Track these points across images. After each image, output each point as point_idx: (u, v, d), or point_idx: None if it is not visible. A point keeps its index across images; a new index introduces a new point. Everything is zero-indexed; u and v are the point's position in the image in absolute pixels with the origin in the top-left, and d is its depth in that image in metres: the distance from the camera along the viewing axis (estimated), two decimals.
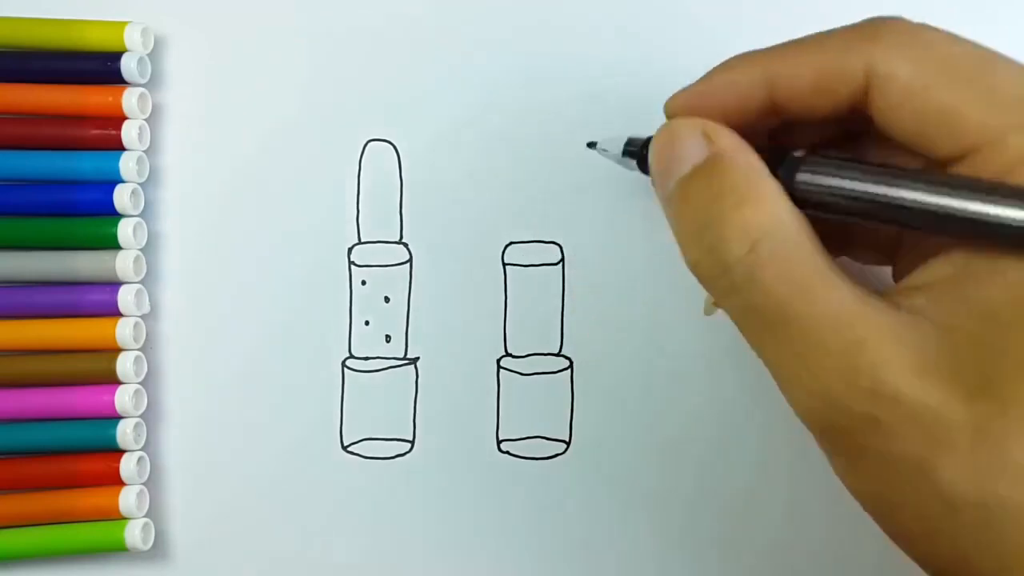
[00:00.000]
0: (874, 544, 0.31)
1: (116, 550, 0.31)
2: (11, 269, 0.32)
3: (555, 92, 0.32)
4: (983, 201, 0.20)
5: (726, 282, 0.22)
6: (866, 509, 0.22)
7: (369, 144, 0.33)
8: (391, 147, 0.33)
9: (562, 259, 0.32)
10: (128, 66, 0.32)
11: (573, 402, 0.32)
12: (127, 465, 0.31)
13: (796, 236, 0.22)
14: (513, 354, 0.32)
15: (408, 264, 0.32)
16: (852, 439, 0.21)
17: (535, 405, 0.32)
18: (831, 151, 0.24)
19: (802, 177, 0.22)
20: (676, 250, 0.32)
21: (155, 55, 0.33)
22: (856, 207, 0.22)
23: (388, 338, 0.32)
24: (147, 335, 0.32)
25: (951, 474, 0.20)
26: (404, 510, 0.32)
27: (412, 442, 0.32)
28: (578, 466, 0.32)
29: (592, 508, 0.32)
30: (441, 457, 0.32)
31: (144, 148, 0.32)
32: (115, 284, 0.32)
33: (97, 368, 0.31)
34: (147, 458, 0.32)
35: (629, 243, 0.32)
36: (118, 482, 0.31)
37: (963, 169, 0.21)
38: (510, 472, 0.32)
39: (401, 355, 0.32)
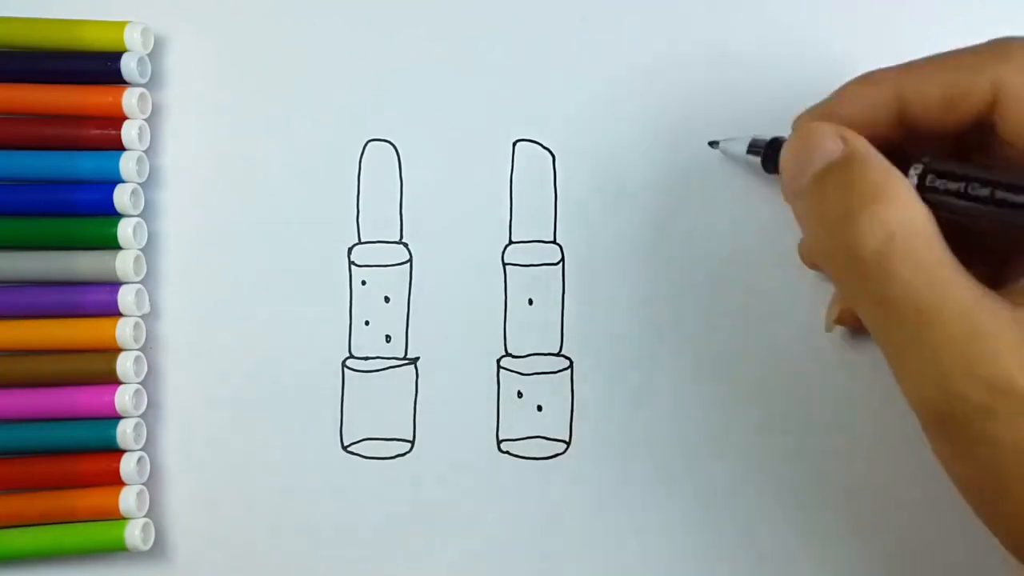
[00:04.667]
0: (872, 563, 0.31)
1: (116, 550, 0.31)
2: (11, 269, 0.32)
3: (555, 90, 0.32)
4: None
5: (859, 273, 0.23)
6: (967, 496, 0.23)
7: (369, 144, 0.33)
8: (391, 147, 0.33)
9: (562, 259, 0.32)
10: (128, 66, 0.32)
11: (573, 402, 0.32)
12: (127, 465, 0.31)
13: (927, 232, 0.23)
14: (513, 354, 0.32)
15: (408, 264, 0.32)
16: (965, 427, 0.22)
17: (534, 405, 0.32)
18: (951, 160, 0.25)
19: (930, 182, 0.24)
20: (676, 252, 0.32)
21: (155, 55, 0.33)
22: (980, 211, 0.23)
23: (388, 338, 0.32)
24: (147, 335, 0.32)
25: None
26: (405, 510, 0.32)
27: (412, 442, 0.32)
28: (578, 466, 0.32)
29: (592, 508, 0.32)
30: (441, 457, 0.32)
31: (144, 148, 0.32)
32: (115, 284, 0.32)
33: (97, 368, 0.31)
34: (147, 458, 0.32)
35: (629, 243, 0.32)
36: (118, 482, 0.31)
37: None
38: (510, 472, 0.32)
39: (401, 355, 0.32)
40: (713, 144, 0.31)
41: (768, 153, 0.29)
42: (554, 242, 0.32)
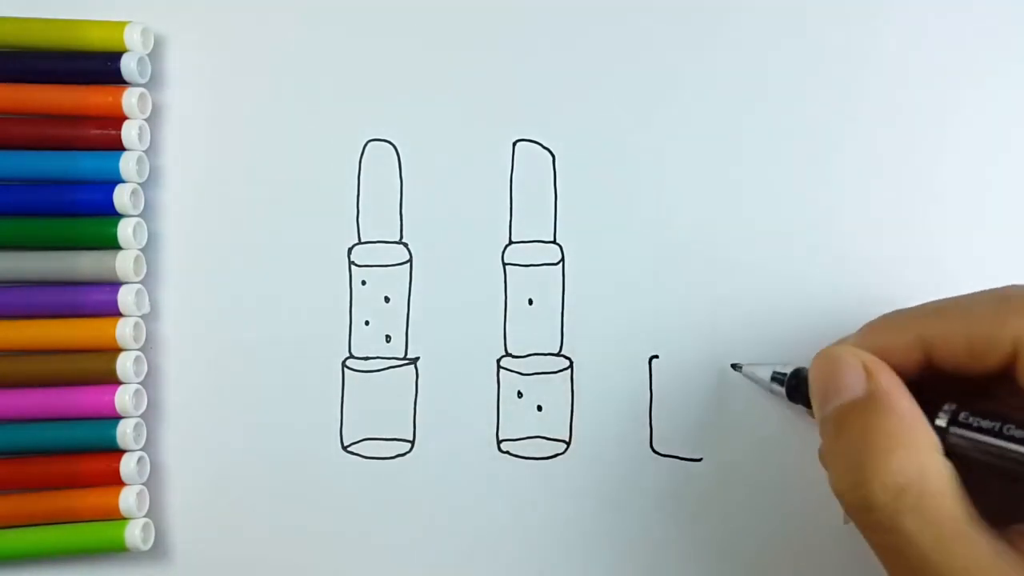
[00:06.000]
0: None
1: (116, 550, 0.31)
2: (11, 269, 0.32)
3: (555, 90, 0.32)
4: None
5: (869, 519, 0.23)
6: None
7: (369, 144, 0.33)
8: (391, 147, 0.33)
9: (562, 259, 0.32)
10: (128, 66, 0.32)
11: (573, 402, 0.32)
12: (127, 465, 0.31)
13: (941, 487, 0.23)
14: (513, 354, 0.32)
15: (408, 264, 0.32)
16: None
17: (534, 405, 0.32)
18: (980, 403, 0.24)
19: (955, 430, 0.24)
20: (673, 254, 0.32)
21: (155, 55, 0.33)
22: (1002, 464, 0.23)
23: (388, 338, 0.32)
24: (147, 335, 0.32)
25: None
26: (404, 510, 0.32)
27: (412, 442, 0.32)
28: (578, 466, 0.32)
29: (592, 508, 0.32)
30: (441, 457, 0.32)
31: (144, 148, 0.32)
32: (115, 284, 0.32)
33: (97, 368, 0.31)
34: (147, 458, 0.32)
35: (629, 243, 0.32)
36: (118, 482, 0.31)
37: None
38: (510, 472, 0.32)
39: (401, 355, 0.32)
40: (736, 367, 0.31)
41: (792, 383, 0.29)
42: (554, 242, 0.32)
